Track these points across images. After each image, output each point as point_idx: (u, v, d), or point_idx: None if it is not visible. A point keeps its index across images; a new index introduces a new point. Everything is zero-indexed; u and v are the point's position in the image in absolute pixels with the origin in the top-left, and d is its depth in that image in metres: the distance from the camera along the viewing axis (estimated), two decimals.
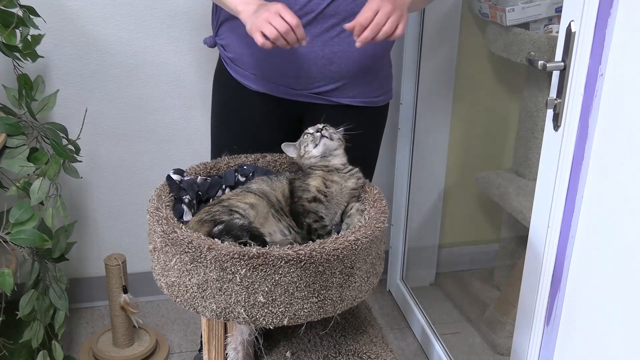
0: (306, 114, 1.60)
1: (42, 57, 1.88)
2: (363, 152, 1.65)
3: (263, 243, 1.16)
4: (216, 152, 1.68)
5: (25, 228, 1.56)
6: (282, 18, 1.28)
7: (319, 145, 1.37)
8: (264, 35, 1.29)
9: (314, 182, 1.32)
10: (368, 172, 1.69)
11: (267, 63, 1.51)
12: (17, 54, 1.72)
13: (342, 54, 1.47)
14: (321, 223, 1.28)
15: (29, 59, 1.77)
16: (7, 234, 1.55)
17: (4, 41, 1.66)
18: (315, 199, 1.30)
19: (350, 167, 1.38)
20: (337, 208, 1.33)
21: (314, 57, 1.47)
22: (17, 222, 1.56)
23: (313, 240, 1.18)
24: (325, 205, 1.31)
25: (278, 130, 1.62)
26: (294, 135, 1.66)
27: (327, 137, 1.37)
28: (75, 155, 1.81)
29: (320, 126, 1.39)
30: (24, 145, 1.68)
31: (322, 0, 1.43)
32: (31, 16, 1.74)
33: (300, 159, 1.41)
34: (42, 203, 1.66)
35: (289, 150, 1.43)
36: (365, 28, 1.29)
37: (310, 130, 1.39)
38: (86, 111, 1.96)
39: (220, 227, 1.18)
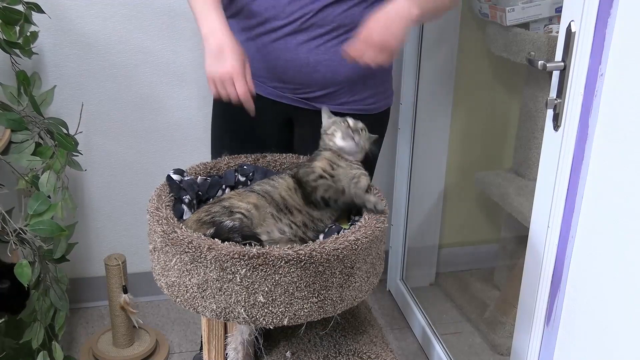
0: (296, 117, 1.61)
1: (37, 53, 1.89)
2: None
3: (258, 242, 1.15)
4: (216, 152, 1.68)
5: (42, 219, 1.58)
6: (235, 85, 1.33)
7: (344, 142, 1.36)
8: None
9: (319, 164, 1.33)
10: None
11: (255, 62, 1.50)
12: (17, 51, 1.73)
13: (328, 63, 1.47)
14: (331, 191, 1.29)
15: (25, 55, 1.78)
16: (25, 225, 1.57)
17: (4, 38, 1.66)
18: (321, 177, 1.31)
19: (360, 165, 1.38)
20: (341, 196, 1.31)
21: (299, 64, 1.48)
22: (35, 214, 1.58)
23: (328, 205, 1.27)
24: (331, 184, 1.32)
25: (272, 130, 1.62)
26: (288, 135, 1.65)
27: (354, 141, 1.36)
28: (75, 150, 1.82)
29: (360, 125, 1.39)
30: (29, 139, 1.69)
31: (309, 10, 1.43)
32: (35, 13, 1.75)
33: (324, 132, 1.41)
34: (49, 197, 1.67)
35: (326, 115, 1.43)
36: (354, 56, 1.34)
37: (351, 123, 1.38)
38: (82, 106, 1.96)
39: (211, 231, 1.18)
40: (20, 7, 1.71)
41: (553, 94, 1.25)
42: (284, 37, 1.47)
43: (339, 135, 1.37)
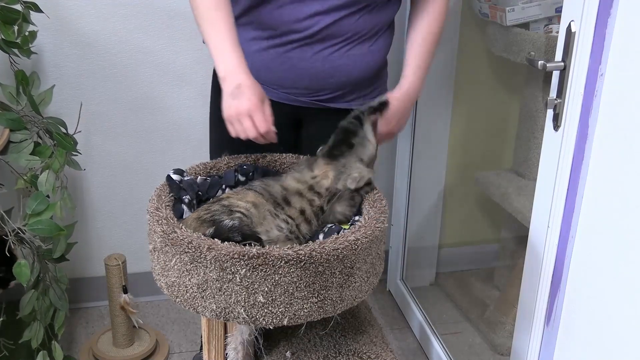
0: (305, 118, 1.61)
1: (36, 53, 1.89)
2: None
3: (257, 241, 1.16)
4: (215, 153, 1.68)
5: (41, 219, 1.58)
6: (253, 121, 1.30)
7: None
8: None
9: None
10: None
11: (267, 72, 1.51)
12: (16, 50, 1.73)
13: (343, 68, 1.48)
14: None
15: (24, 55, 1.78)
16: (24, 225, 1.57)
17: (2, 37, 1.67)
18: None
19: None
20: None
21: (315, 72, 1.48)
22: (34, 213, 1.58)
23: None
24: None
25: (277, 132, 1.62)
26: (294, 137, 1.66)
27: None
28: (74, 150, 1.82)
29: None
30: (28, 139, 1.69)
31: (325, 24, 1.43)
32: (33, 12, 1.75)
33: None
34: (47, 196, 1.68)
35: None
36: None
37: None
38: (81, 105, 1.96)
39: (211, 230, 1.18)
40: (18, 7, 1.71)
41: (553, 94, 1.25)
42: (300, 47, 1.46)
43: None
